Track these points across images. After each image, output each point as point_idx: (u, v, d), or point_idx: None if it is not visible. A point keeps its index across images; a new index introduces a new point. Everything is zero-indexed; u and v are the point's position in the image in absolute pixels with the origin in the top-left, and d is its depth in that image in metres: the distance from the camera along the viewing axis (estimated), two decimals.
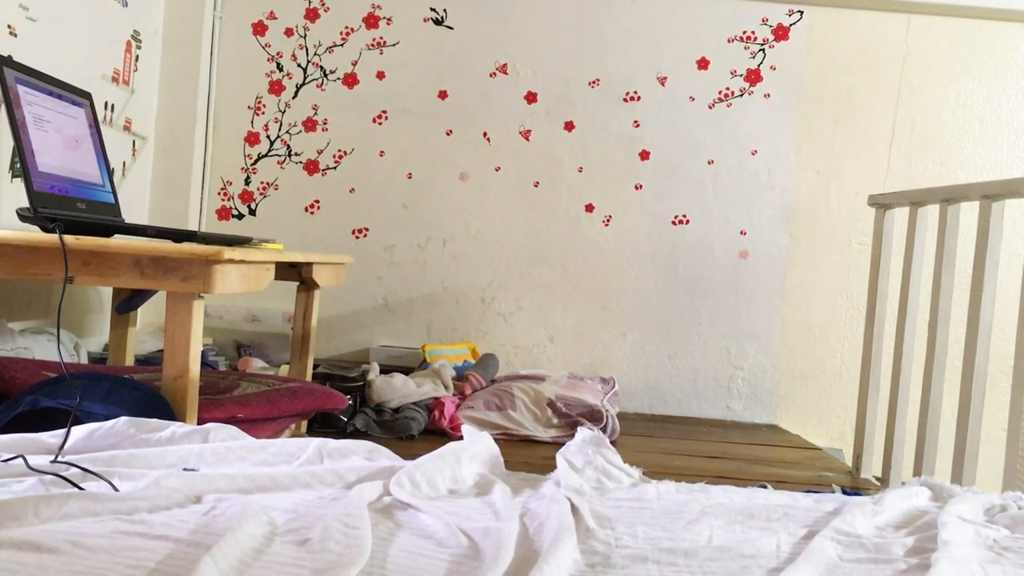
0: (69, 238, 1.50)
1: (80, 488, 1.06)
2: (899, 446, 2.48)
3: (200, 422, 1.60)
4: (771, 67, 3.40)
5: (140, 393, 1.60)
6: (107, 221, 1.88)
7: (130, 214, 2.54)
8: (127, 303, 2.34)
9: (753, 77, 3.41)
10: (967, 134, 3.42)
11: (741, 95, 3.41)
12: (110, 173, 2.09)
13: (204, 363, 2.46)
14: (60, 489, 1.05)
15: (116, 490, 1.07)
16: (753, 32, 3.40)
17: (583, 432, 1.54)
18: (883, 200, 2.66)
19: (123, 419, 1.31)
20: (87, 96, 2.05)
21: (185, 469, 1.18)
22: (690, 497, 1.28)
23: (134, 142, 3.07)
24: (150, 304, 2.51)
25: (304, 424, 2.47)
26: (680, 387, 3.44)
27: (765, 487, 1.46)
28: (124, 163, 3.01)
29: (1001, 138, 3.42)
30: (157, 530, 0.92)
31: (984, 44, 3.41)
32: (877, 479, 2.56)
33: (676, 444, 2.86)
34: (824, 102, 3.43)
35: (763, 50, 3.41)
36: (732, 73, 3.41)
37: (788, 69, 3.41)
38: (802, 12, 3.39)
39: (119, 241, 1.57)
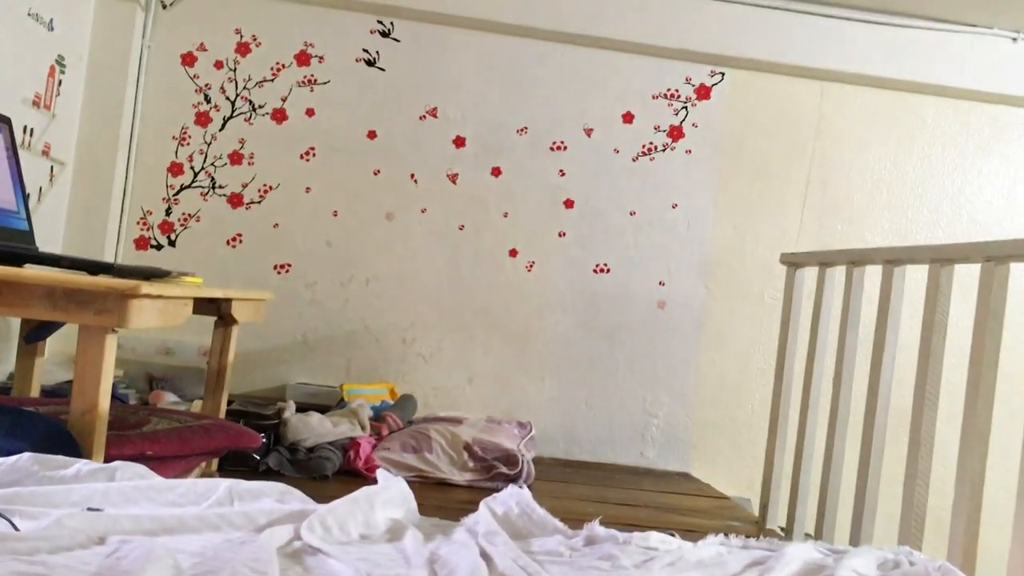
0: None
1: None
2: (803, 497, 2.56)
3: (108, 459, 1.56)
4: (693, 124, 3.52)
5: (45, 427, 1.56)
6: (20, 249, 1.84)
7: (45, 242, 2.48)
8: (36, 332, 2.28)
9: (676, 133, 3.52)
10: (875, 198, 3.59)
11: (664, 150, 3.52)
12: (25, 199, 2.04)
13: (114, 396, 2.39)
14: None
15: (16, 529, 1.04)
16: (677, 90, 3.52)
17: (512, 488, 1.55)
18: (794, 259, 2.76)
19: (26, 455, 1.28)
20: (6, 121, 2.01)
21: (89, 509, 1.16)
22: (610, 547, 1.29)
23: (52, 167, 3.01)
24: (60, 332, 2.44)
25: (215, 462, 2.42)
26: (596, 433, 3.48)
27: (673, 535, 1.49)
28: (40, 188, 2.94)
29: (906, 203, 3.60)
30: (58, 572, 0.90)
31: (893, 113, 3.59)
32: (782, 529, 2.63)
33: (591, 491, 2.89)
34: (742, 160, 3.55)
35: (686, 107, 3.52)
36: (656, 128, 3.51)
37: (709, 127, 3.53)
38: (723, 73, 3.53)
39: (32, 271, 1.54)
